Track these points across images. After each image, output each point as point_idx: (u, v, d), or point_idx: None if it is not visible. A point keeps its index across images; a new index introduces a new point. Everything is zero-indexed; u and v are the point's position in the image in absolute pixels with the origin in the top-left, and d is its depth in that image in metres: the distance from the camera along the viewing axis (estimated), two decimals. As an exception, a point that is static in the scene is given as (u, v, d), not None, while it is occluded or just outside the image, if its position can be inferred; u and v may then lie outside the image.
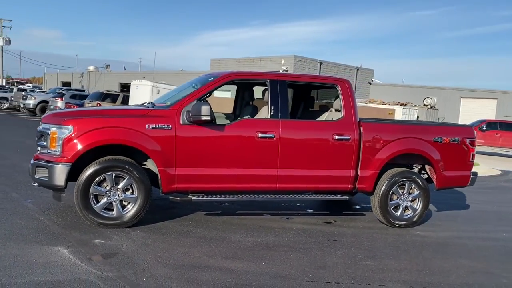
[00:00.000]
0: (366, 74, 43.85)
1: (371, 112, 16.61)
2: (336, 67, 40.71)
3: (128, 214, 5.17)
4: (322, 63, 39.15)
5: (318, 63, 38.81)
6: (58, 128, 5.03)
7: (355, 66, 42.64)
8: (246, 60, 40.36)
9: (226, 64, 40.58)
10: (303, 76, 6.29)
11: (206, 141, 5.36)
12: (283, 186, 5.71)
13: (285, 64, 37.11)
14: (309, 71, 38.06)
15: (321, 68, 39.06)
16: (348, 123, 5.92)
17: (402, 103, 34.99)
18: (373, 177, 6.02)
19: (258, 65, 39.26)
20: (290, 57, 37.51)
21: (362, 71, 43.18)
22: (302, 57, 37.73)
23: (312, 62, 38.47)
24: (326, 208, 7.18)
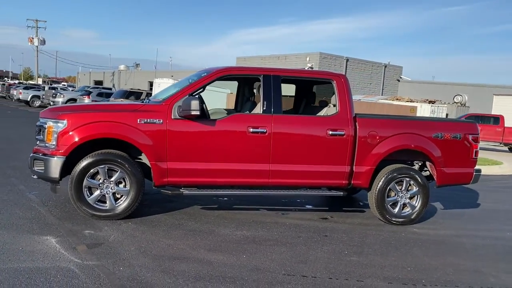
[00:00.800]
0: (395, 71, 43.03)
1: (390, 109, 16.31)
2: (363, 64, 40.14)
3: (121, 206, 5.31)
4: (348, 60, 38.70)
5: (344, 60, 38.38)
6: (54, 122, 5.21)
7: (382, 63, 41.92)
8: (271, 58, 40.35)
9: (252, 61, 40.66)
10: (298, 72, 6.26)
11: (197, 135, 5.42)
12: (275, 181, 5.72)
13: (310, 61, 36.93)
14: (335, 68, 37.66)
15: (348, 65, 38.64)
16: (343, 119, 5.86)
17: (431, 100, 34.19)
18: (369, 173, 5.95)
19: (284, 62, 39.18)
20: (316, 54, 37.26)
21: (390, 68, 42.40)
22: (327, 54, 37.41)
23: (338, 59, 38.07)
24: (326, 205, 7.14)
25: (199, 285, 3.70)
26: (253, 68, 5.99)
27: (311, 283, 3.92)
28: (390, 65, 42.78)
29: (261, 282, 3.84)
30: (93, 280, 3.61)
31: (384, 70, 41.70)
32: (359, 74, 39.78)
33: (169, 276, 3.81)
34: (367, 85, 40.52)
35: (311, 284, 3.90)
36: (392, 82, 42.73)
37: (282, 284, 3.85)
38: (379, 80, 41.39)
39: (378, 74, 41.40)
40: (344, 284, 3.96)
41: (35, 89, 34.35)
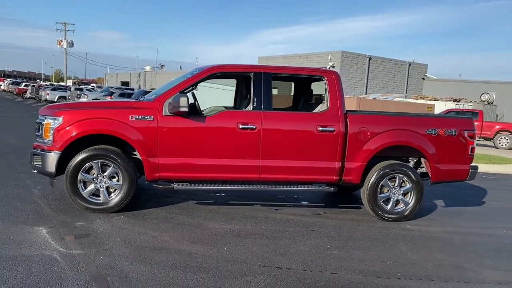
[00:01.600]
0: (419, 69, 42.26)
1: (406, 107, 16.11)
2: (386, 62, 39.59)
3: (114, 200, 5.51)
4: (371, 59, 38.26)
5: (367, 58, 37.96)
6: (50, 119, 5.45)
7: (407, 61, 41.24)
8: (293, 57, 40.31)
9: (274, 61, 40.71)
10: (289, 69, 6.31)
11: (187, 132, 5.57)
12: (265, 176, 5.81)
13: (332, 60, 36.73)
14: (357, 66, 37.35)
15: (370, 64, 38.20)
16: (333, 115, 5.90)
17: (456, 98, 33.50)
18: (360, 169, 5.96)
19: (305, 61, 39.09)
20: (337, 53, 37.01)
21: (415, 66, 41.67)
22: (349, 53, 37.09)
23: (360, 58, 37.69)
24: (323, 201, 7.17)
25: (173, 274, 3.84)
26: (244, 65, 6.08)
27: (284, 274, 4.00)
28: (415, 63, 42.06)
29: (234, 272, 3.95)
30: (72, 267, 3.80)
31: (408, 68, 41.02)
32: (382, 73, 39.29)
33: (146, 265, 3.96)
34: (390, 83, 39.98)
35: (283, 275, 3.98)
36: (417, 81, 41.99)
37: (254, 274, 3.94)
38: (403, 78, 40.75)
39: (402, 72, 40.76)
40: (317, 275, 4.02)
41: (62, 90, 35.48)
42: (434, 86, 41.20)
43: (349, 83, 36.95)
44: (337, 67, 36.38)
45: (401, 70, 40.51)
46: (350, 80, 37.25)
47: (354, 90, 37.04)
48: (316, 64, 38.16)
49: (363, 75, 38.21)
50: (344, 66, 36.78)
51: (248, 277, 3.88)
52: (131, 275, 3.73)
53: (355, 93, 35.13)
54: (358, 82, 37.85)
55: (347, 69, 36.90)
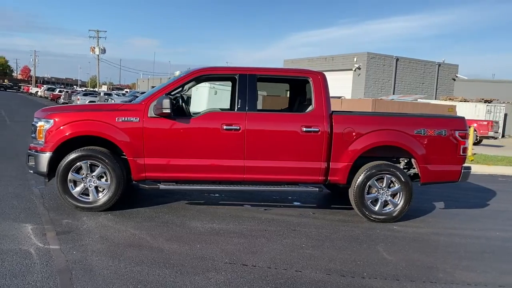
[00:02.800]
0: (450, 70, 41.17)
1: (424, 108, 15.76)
2: (415, 63, 38.80)
3: (102, 199, 5.71)
4: (398, 60, 37.58)
5: (394, 59, 37.31)
6: (43, 121, 5.72)
7: (436, 62, 40.27)
8: (319, 59, 40.11)
9: (299, 63, 40.63)
10: (274, 70, 6.34)
11: (172, 132, 5.72)
12: (250, 176, 5.88)
13: (357, 61, 36.33)
14: (384, 68, 36.78)
15: (398, 65, 37.53)
16: (318, 115, 5.91)
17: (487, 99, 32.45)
18: (346, 169, 5.94)
19: (331, 63, 38.84)
20: (363, 54, 36.56)
21: (445, 66, 40.63)
22: (375, 54, 36.57)
23: (387, 59, 37.08)
24: (316, 202, 7.17)
25: (137, 269, 3.97)
26: (229, 67, 6.18)
27: (247, 271, 4.06)
28: (445, 63, 41.02)
29: (197, 269, 4.04)
30: (43, 261, 3.99)
31: (438, 69, 40.04)
32: (410, 74, 38.53)
33: (114, 261, 4.11)
34: (419, 85, 39.15)
35: (246, 272, 4.04)
36: (447, 82, 40.94)
37: (218, 271, 4.02)
38: (432, 79, 39.82)
39: (431, 73, 39.85)
40: (280, 273, 4.06)
41: (92, 95, 36.62)
42: (465, 87, 40.03)
43: (375, 85, 36.45)
44: (363, 68, 35.99)
45: (430, 71, 39.60)
46: (377, 82, 36.74)
47: (381, 92, 36.46)
48: (341, 66, 37.87)
49: (390, 76, 37.57)
50: (370, 68, 36.30)
51: (210, 273, 3.97)
52: (96, 270, 3.88)
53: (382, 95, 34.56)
54: (385, 83, 37.26)
55: (374, 71, 36.41)
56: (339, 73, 37.68)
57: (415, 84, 38.83)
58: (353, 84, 36.51)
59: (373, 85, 36.58)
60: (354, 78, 36.61)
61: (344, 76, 37.19)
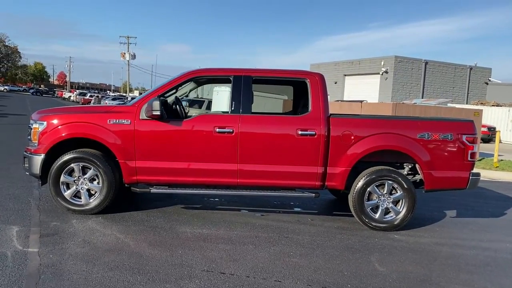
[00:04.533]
0: (482, 73, 39.78)
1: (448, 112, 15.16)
2: (444, 66, 37.69)
3: (93, 202, 5.65)
4: (427, 63, 36.60)
5: (423, 63, 36.35)
6: (37, 123, 5.72)
7: (467, 65, 38.98)
8: (345, 63, 39.53)
9: (325, 68, 40.14)
10: (270, 72, 6.10)
11: (164, 135, 5.61)
12: (244, 181, 5.69)
13: (385, 65, 35.58)
14: (412, 72, 35.88)
15: (427, 68, 36.54)
16: (315, 118, 5.68)
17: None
18: (344, 174, 5.68)
19: (357, 67, 38.22)
20: (391, 58, 35.78)
21: (477, 70, 39.29)
22: (403, 58, 35.72)
23: (416, 62, 36.15)
24: (318, 208, 6.90)
25: (109, 274, 3.85)
26: (224, 69, 6.01)
27: (223, 279, 3.88)
28: (477, 67, 39.68)
29: (171, 276, 3.89)
30: (15, 265, 3.93)
31: (470, 73, 38.76)
32: (440, 78, 37.47)
33: (88, 265, 4.01)
34: (449, 89, 38.00)
35: (221, 280, 3.86)
36: (479, 86, 39.59)
37: (191, 279, 3.86)
38: (463, 83, 38.58)
39: (462, 77, 38.61)
40: (258, 283, 3.86)
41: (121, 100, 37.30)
42: (499, 91, 38.60)
43: (403, 89, 35.62)
44: (391, 72, 35.21)
45: (461, 74, 38.37)
46: (405, 85, 35.89)
47: (409, 95, 35.57)
48: (368, 70, 37.19)
49: (419, 80, 36.62)
50: (398, 71, 35.49)
51: (183, 281, 3.81)
52: (66, 274, 3.78)
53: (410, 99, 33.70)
54: (413, 87, 36.35)
55: (401, 74, 35.59)
56: (366, 77, 37.05)
57: (445, 88, 37.71)
58: (380, 88, 35.79)
59: (401, 89, 35.74)
60: (381, 82, 35.88)
61: (371, 80, 36.53)
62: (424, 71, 36.73)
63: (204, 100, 23.84)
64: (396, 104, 15.48)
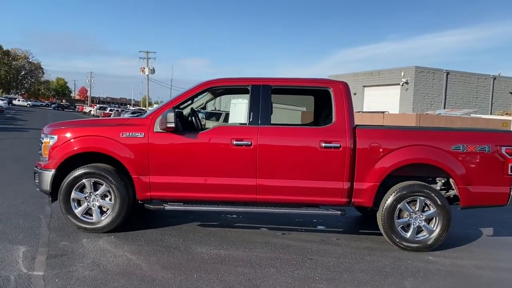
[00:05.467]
0: (506, 83, 38.69)
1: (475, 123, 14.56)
2: (467, 76, 36.80)
3: (105, 220, 5.35)
4: (449, 73, 35.78)
5: (444, 73, 35.55)
6: (48, 137, 5.48)
7: (491, 75, 38.03)
8: (364, 74, 38.99)
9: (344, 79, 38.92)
10: (290, 80, 5.75)
11: (179, 148, 5.30)
12: (263, 197, 5.33)
13: (405, 76, 34.94)
14: (433, 82, 35.12)
15: (448, 79, 35.74)
16: (339, 129, 5.30)
17: (548, 114, 30.05)
18: (373, 190, 5.26)
19: (377, 78, 37.64)
20: (411, 68, 35.12)
21: (501, 80, 38.26)
22: (424, 68, 35.01)
23: (437, 73, 35.38)
24: (344, 226, 6.47)
25: (117, 302, 3.51)
26: (241, 78, 5.69)
27: (241, 309, 3.50)
28: (501, 76, 38.73)
29: (185, 305, 3.53)
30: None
31: (493, 83, 37.81)
32: (462, 88, 36.63)
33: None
34: (472, 99, 37.08)
35: (240, 310, 3.48)
36: (504, 96, 38.55)
37: (207, 308, 3.49)
38: (487, 93, 37.62)
39: (485, 87, 37.68)
40: (280, 314, 3.46)
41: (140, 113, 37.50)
42: (525, 100, 37.49)
43: (424, 100, 34.88)
44: (411, 83, 34.55)
45: (484, 84, 37.46)
46: (426, 96, 35.15)
47: (431, 107, 34.80)
48: (388, 81, 36.54)
49: (441, 91, 35.85)
50: (419, 82, 34.81)
51: (198, 310, 3.44)
52: (70, 302, 3.46)
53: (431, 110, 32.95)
54: (435, 98, 35.57)
55: (422, 85, 34.89)
56: (386, 88, 36.42)
57: (468, 99, 36.81)
58: (400, 99, 35.13)
59: (422, 100, 35.01)
60: (402, 93, 35.22)
61: (391, 91, 35.89)
62: (446, 82, 35.96)
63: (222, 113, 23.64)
64: (420, 115, 14.95)
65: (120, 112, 44.92)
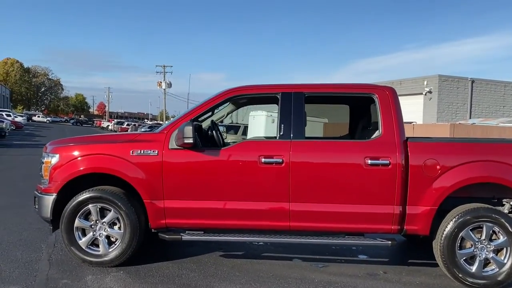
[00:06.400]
0: (535, 90, 37.20)
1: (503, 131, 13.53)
2: (493, 84, 35.44)
3: (113, 252, 4.59)
4: (474, 82, 34.52)
5: (469, 81, 34.30)
6: (49, 156, 4.79)
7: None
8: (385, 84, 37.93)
9: (364, 90, 38.62)
10: (328, 86, 4.96)
11: (198, 168, 4.54)
12: (298, 224, 4.51)
13: (428, 85, 33.83)
14: (458, 91, 33.90)
15: (473, 87, 34.47)
16: (388, 143, 4.47)
17: None
18: (429, 215, 4.40)
19: (398, 87, 36.49)
20: (434, 77, 34.04)
21: (529, 87, 36.79)
22: (448, 76, 33.88)
23: (461, 81, 34.16)
24: (388, 255, 5.59)
25: None
26: (270, 85, 4.91)
27: None
28: (529, 83, 37.21)
29: None
30: None
31: (521, 90, 36.38)
32: (488, 97, 35.33)
33: None
34: (499, 108, 35.70)
35: None
36: (534, 104, 37.02)
37: None
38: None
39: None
40: None
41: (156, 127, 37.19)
42: (554, 108, 35.94)
43: (449, 109, 33.68)
44: (435, 92, 33.42)
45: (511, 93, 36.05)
46: (451, 106, 33.95)
47: (456, 116, 33.60)
48: (410, 90, 35.44)
49: (466, 100, 34.62)
50: (443, 91, 33.66)
51: None
52: None
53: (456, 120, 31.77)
54: (459, 107, 34.34)
55: (446, 94, 33.72)
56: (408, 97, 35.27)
57: (495, 107, 35.45)
58: (424, 109, 33.99)
59: (446, 109, 33.83)
60: (425, 102, 34.11)
61: (413, 101, 34.75)
62: (471, 90, 34.73)
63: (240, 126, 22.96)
64: (454, 125, 14.00)
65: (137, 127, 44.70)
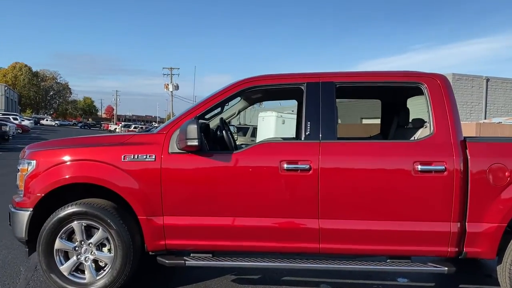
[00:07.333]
0: (553, 88, 35.94)
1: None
2: (509, 83, 34.25)
3: (103, 280, 3.73)
4: (489, 80, 33.36)
5: (484, 80, 33.17)
6: (25, 163, 3.94)
7: (536, 80, 35.37)
8: (395, 84, 36.88)
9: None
10: (364, 75, 4.03)
11: (205, 176, 3.67)
12: (329, 246, 3.62)
13: (442, 84, 32.77)
14: (472, 90, 32.78)
15: (488, 86, 33.32)
16: (442, 144, 3.58)
17: None
18: (495, 234, 3.49)
19: (411, 88, 35.51)
20: (448, 75, 32.73)
21: (547, 85, 35.53)
22: (462, 75, 32.78)
23: (476, 80, 33.03)
24: (431, 276, 4.67)
25: None
26: (292, 74, 4.00)
27: None
28: (547, 81, 35.98)
29: None
30: None
31: (539, 88, 35.16)
32: (504, 95, 34.23)
33: None
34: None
35: None
36: (554, 103, 35.80)
37: None
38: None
39: (530, 94, 35.10)
40: None
41: (159, 129, 36.57)
42: None
43: (463, 109, 32.56)
44: (450, 91, 32.38)
45: (528, 91, 34.86)
46: (465, 105, 32.86)
47: (471, 116, 32.54)
48: (423, 90, 34.42)
49: (480, 99, 33.55)
50: (457, 90, 32.48)
51: None
52: None
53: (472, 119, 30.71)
54: (475, 107, 33.27)
55: (461, 93, 32.59)
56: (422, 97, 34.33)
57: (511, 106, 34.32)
58: (438, 109, 32.91)
59: (461, 108, 32.68)
60: (439, 101, 33.01)
61: (426, 101, 33.78)
62: (486, 89, 33.63)
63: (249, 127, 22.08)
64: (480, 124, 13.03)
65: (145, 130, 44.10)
